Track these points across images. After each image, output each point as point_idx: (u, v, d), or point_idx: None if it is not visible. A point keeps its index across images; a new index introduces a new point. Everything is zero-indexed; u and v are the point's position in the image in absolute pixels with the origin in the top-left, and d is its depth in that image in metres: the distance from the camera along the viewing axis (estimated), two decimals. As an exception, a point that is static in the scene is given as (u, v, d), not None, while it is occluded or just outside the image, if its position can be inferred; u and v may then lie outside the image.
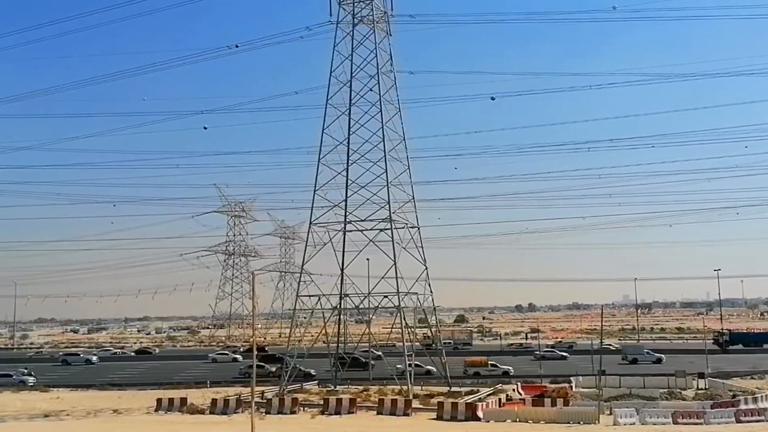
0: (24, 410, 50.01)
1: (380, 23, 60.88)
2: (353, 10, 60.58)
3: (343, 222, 58.23)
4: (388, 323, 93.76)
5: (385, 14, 61.57)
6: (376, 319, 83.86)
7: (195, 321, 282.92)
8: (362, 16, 60.50)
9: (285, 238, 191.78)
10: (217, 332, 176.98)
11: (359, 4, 60.61)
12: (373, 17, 60.18)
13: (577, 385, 55.38)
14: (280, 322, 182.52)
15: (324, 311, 57.81)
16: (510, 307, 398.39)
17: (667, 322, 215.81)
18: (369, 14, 60.28)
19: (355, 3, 60.58)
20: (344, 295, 57.15)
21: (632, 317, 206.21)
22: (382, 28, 61.06)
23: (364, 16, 60.46)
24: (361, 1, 60.53)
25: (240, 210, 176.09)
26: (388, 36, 61.86)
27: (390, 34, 62.00)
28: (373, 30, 59.97)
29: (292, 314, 65.12)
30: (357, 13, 60.56)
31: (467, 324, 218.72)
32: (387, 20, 61.63)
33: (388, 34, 61.82)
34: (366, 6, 60.38)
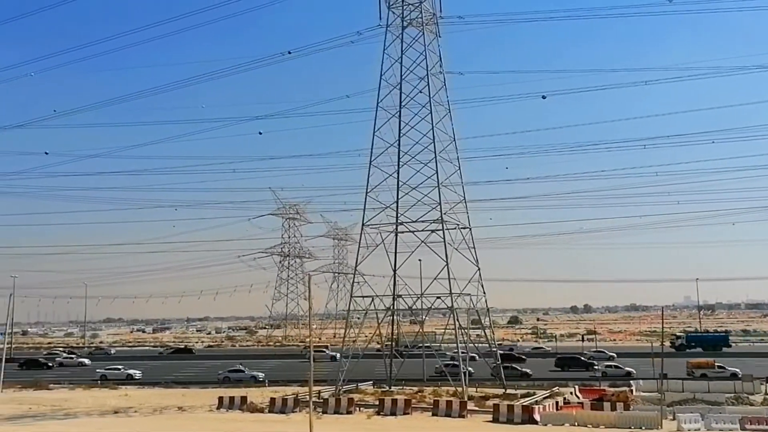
0: (95, 407, 52.27)
1: (429, 25, 61.20)
2: (402, 13, 61.09)
3: (394, 223, 58.76)
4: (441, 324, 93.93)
5: (434, 16, 61.85)
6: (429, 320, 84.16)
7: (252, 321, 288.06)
8: (411, 19, 60.95)
9: (338, 239, 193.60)
10: (273, 332, 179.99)
11: (408, 7, 61.07)
12: (422, 19, 60.55)
13: (638, 389, 54.20)
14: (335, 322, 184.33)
15: (377, 312, 58.47)
16: (565, 308, 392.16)
17: (731, 324, 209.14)
18: (418, 17, 60.68)
19: (405, 6, 61.07)
20: (397, 296, 57.63)
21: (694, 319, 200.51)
22: (431, 30, 61.37)
23: (413, 19, 60.89)
24: (410, 4, 60.98)
25: (294, 212, 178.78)
26: (437, 38, 62.13)
27: (439, 35, 62.28)
28: (423, 32, 60.35)
29: (346, 315, 65.98)
30: (406, 16, 61.04)
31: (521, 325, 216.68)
32: (436, 22, 61.89)
33: (437, 35, 62.10)
34: (415, 9, 60.82)
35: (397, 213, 58.54)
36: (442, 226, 55.94)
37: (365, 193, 59.09)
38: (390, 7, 61.51)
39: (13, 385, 65.45)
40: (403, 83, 59.80)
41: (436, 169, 56.99)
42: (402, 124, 59.38)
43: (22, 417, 47.35)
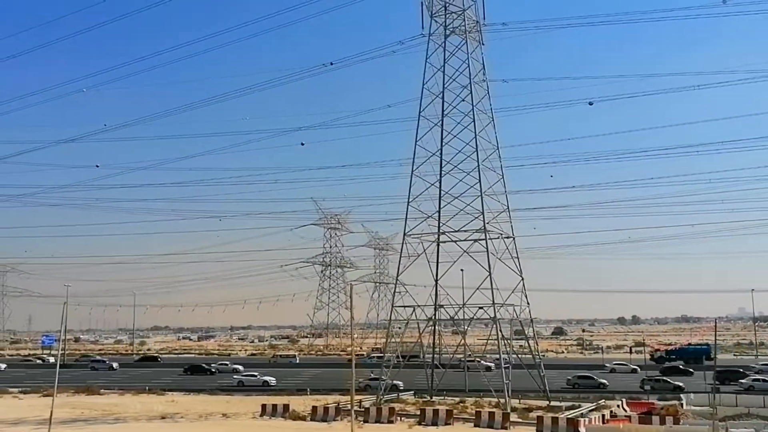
0: (143, 412, 53.33)
1: (472, 33, 60.96)
2: (445, 22, 60.98)
3: (436, 233, 58.50)
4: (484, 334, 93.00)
5: (477, 24, 61.58)
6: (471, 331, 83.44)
7: (294, 330, 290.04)
8: (454, 28, 60.80)
9: (379, 249, 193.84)
10: (315, 341, 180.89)
11: (451, 15, 60.95)
12: (465, 28, 60.35)
13: (689, 402, 52.75)
14: (376, 332, 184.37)
15: (419, 322, 58.20)
16: (612, 319, 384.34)
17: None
18: (461, 25, 60.52)
19: (447, 15, 60.96)
20: (439, 306, 57.29)
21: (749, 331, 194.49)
22: (474, 38, 61.12)
23: (456, 27, 60.73)
24: (452, 13, 60.85)
25: (336, 222, 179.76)
26: (481, 45, 61.80)
27: (482, 43, 61.92)
28: (465, 40, 60.12)
29: (387, 324, 65.88)
30: (449, 25, 60.92)
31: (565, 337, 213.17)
32: (479, 30, 61.59)
33: (480, 43, 61.78)
34: (458, 17, 60.68)
35: (439, 222, 58.29)
36: (484, 235, 55.42)
37: (407, 203, 59.02)
38: (433, 16, 61.51)
39: (66, 390, 67.06)
40: (446, 92, 59.66)
41: (478, 178, 56.58)
42: (444, 133, 59.19)
43: (75, 421, 48.79)
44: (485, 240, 55.31)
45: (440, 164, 58.66)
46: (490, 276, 53.94)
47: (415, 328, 60.52)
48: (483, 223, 55.68)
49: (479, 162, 56.98)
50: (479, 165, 56.89)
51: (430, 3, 61.44)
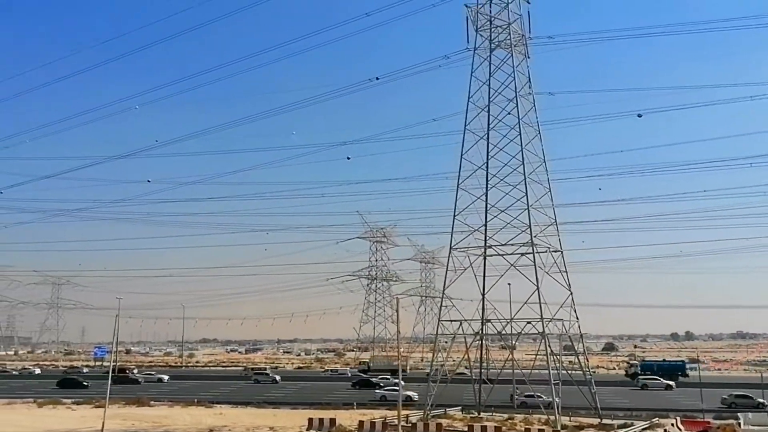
0: (192, 424, 54.09)
1: (518, 47, 60.74)
2: (490, 36, 60.91)
3: (483, 246, 58.11)
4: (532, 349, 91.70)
5: (523, 37, 61.35)
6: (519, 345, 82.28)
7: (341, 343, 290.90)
8: (500, 41, 60.67)
9: (425, 262, 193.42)
10: (361, 355, 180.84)
11: (496, 29, 60.86)
12: (510, 41, 60.17)
13: (746, 422, 51.05)
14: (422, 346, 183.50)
15: (466, 336, 57.75)
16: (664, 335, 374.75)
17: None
18: (506, 39, 60.33)
19: (493, 29, 60.90)
20: (486, 320, 56.79)
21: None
22: (519, 52, 60.88)
23: (502, 41, 60.58)
24: (498, 27, 60.77)
25: (381, 236, 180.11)
26: (526, 58, 61.55)
27: (528, 56, 61.68)
28: (511, 54, 59.93)
29: (434, 339, 65.51)
30: (494, 39, 60.83)
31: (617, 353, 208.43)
32: (525, 43, 61.37)
33: (526, 56, 61.52)
34: (503, 31, 60.53)
35: (485, 236, 57.90)
36: (532, 249, 54.85)
37: (453, 216, 58.86)
38: (478, 30, 61.51)
39: (117, 401, 68.48)
40: (491, 105, 59.49)
41: (525, 192, 56.10)
42: (490, 146, 58.97)
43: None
44: (533, 254, 54.76)
45: (486, 177, 58.42)
46: (537, 290, 53.31)
47: (461, 343, 60.05)
48: (530, 237, 55.15)
49: (526, 175, 56.54)
50: (526, 178, 56.44)
51: (475, 18, 61.47)
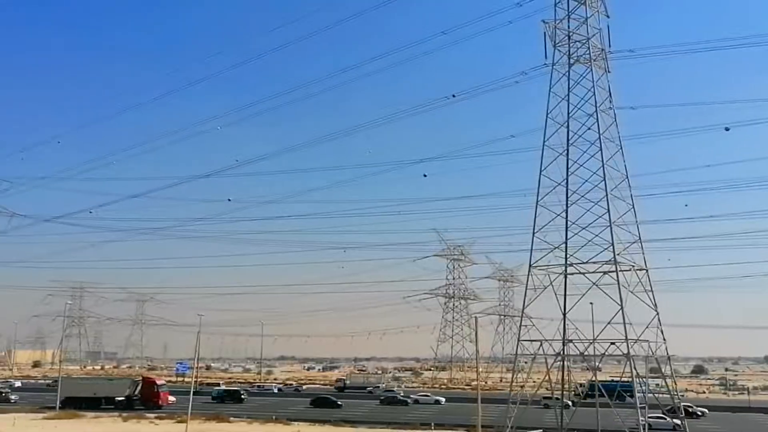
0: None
1: (597, 61, 59.55)
2: (569, 51, 59.94)
3: (563, 265, 56.79)
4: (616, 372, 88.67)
5: (603, 51, 60.13)
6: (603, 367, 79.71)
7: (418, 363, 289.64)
8: (578, 56, 59.61)
9: (503, 281, 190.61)
10: (439, 374, 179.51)
11: (575, 44, 59.86)
12: (589, 56, 59.04)
13: None
14: (501, 366, 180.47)
15: (546, 357, 56.41)
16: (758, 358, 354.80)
17: None
18: (585, 53, 59.24)
19: (571, 44, 59.93)
20: (568, 340, 55.33)
21: None
22: (599, 66, 59.66)
23: (581, 56, 59.51)
24: (577, 42, 59.77)
25: (459, 254, 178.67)
26: (606, 73, 60.23)
27: (608, 70, 60.35)
28: (590, 68, 58.76)
29: (513, 359, 64.30)
30: (573, 54, 59.83)
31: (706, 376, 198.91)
32: (605, 57, 60.14)
33: (606, 71, 60.22)
34: (582, 45, 59.47)
35: (566, 254, 56.58)
36: (615, 267, 53.24)
37: (532, 234, 57.81)
38: (556, 45, 60.65)
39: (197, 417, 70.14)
40: (571, 121, 58.37)
41: (607, 208, 54.58)
42: (570, 162, 57.77)
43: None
44: (616, 272, 53.12)
45: (566, 194, 57.20)
46: (621, 310, 51.60)
47: (542, 363, 58.67)
48: (613, 255, 53.55)
49: (607, 191, 55.04)
50: (607, 194, 54.93)
51: (553, 33, 60.70)
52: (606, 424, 60.71)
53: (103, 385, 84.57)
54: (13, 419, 62.30)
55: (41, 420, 63.62)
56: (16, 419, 62.41)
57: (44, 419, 64.51)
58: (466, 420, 61.93)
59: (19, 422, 61.07)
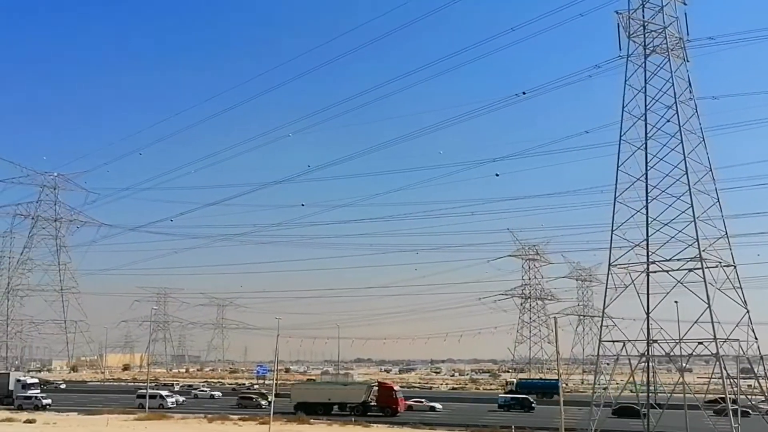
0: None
1: (675, 50, 57.52)
2: (644, 42, 58.12)
3: (645, 263, 55.07)
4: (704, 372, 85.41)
5: (681, 40, 58.04)
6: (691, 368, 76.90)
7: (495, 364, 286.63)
8: (655, 46, 57.74)
9: (582, 280, 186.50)
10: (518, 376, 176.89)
11: (651, 34, 57.98)
12: (666, 45, 57.09)
13: None
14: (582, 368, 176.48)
15: (630, 358, 54.81)
16: None
17: None
18: (662, 43, 57.31)
19: (647, 34, 58.09)
20: (652, 341, 53.62)
21: None
22: (677, 55, 57.60)
23: (657, 46, 57.62)
24: (652, 32, 57.88)
25: (534, 253, 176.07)
26: (685, 62, 58.08)
27: (687, 60, 58.19)
28: (668, 58, 56.80)
29: (595, 360, 62.78)
30: (649, 44, 57.98)
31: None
32: (683, 46, 58.04)
33: (684, 60, 58.09)
34: (659, 35, 57.54)
35: (647, 251, 54.82)
36: (700, 264, 51.22)
37: (611, 231, 56.33)
38: (630, 36, 58.90)
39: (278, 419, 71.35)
40: (649, 114, 56.58)
41: (690, 203, 52.59)
42: (649, 156, 55.99)
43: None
44: (701, 269, 51.11)
45: (646, 189, 55.47)
46: (709, 308, 49.59)
47: (625, 365, 57.05)
48: (698, 251, 51.54)
49: (690, 185, 53.04)
50: (690, 189, 52.94)
51: (627, 24, 59.01)
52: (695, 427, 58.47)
53: (338, 390, 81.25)
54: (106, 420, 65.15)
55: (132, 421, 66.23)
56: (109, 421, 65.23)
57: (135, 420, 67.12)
58: (548, 423, 60.78)
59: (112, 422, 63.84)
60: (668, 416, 57.36)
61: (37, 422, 62.95)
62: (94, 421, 65.27)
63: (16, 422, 63.18)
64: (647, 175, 55.71)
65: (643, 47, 58.16)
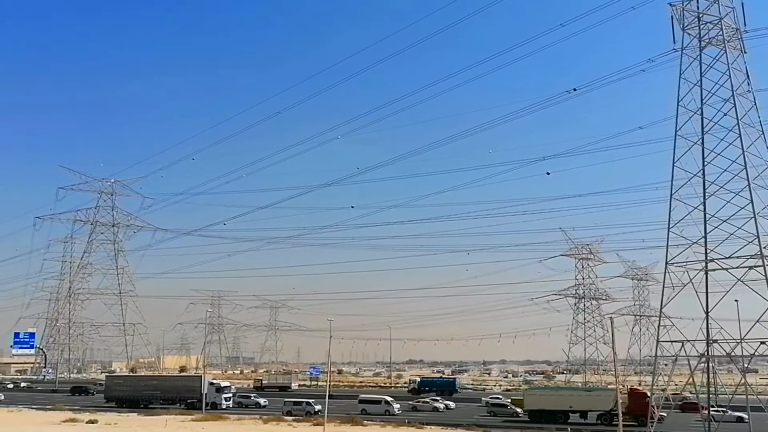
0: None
1: (732, 42, 55.89)
2: (699, 34, 56.64)
3: (704, 260, 53.59)
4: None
5: (737, 31, 56.36)
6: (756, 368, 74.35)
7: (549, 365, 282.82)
8: (710, 38, 56.21)
9: (637, 279, 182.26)
10: (572, 378, 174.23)
11: (706, 25, 56.45)
12: (722, 37, 55.52)
13: None
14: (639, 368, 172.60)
15: (689, 358, 53.41)
16: None
17: None
18: (718, 34, 55.76)
19: (702, 26, 56.58)
20: (712, 340, 52.13)
21: None
22: (734, 47, 55.94)
23: (713, 38, 56.09)
24: (708, 23, 56.33)
25: (587, 252, 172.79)
26: (742, 54, 56.40)
27: (744, 51, 56.51)
28: (724, 50, 55.23)
29: (653, 361, 61.37)
30: (704, 36, 56.46)
31: None
32: (739, 37, 56.36)
33: (741, 51, 56.40)
34: (714, 27, 55.98)
35: (705, 249, 53.36)
36: (762, 261, 49.59)
37: (667, 229, 55.00)
38: (685, 28, 57.44)
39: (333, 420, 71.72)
40: (705, 107, 55.09)
41: (750, 199, 51.03)
42: (706, 151, 54.54)
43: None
44: (763, 266, 49.50)
45: (703, 185, 54.02)
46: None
47: (684, 365, 55.61)
48: (759, 248, 49.91)
49: (749, 180, 51.47)
50: (750, 184, 51.39)
51: (681, 16, 57.56)
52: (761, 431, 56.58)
53: (581, 397, 73.93)
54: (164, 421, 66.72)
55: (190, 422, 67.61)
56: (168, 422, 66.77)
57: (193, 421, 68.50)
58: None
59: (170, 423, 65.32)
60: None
61: (98, 422, 64.91)
62: (153, 422, 66.90)
63: (79, 423, 65.28)
64: (704, 170, 54.31)
65: (698, 39, 56.69)
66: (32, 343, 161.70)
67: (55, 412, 76.46)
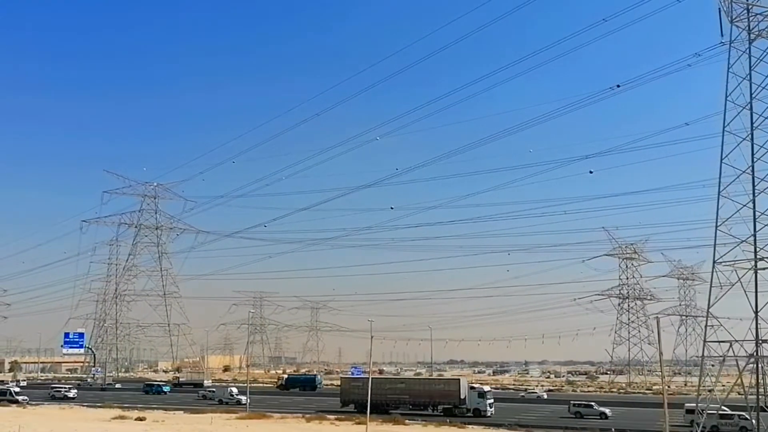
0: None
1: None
2: (749, 26, 55.17)
3: (753, 259, 52.27)
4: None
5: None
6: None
7: (593, 366, 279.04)
8: (760, 30, 54.71)
9: (683, 279, 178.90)
10: (616, 378, 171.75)
11: (755, 18, 54.96)
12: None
13: None
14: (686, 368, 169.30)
15: (737, 359, 52.18)
16: None
17: None
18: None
19: (751, 18, 55.12)
20: (762, 341, 50.85)
21: None
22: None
23: (763, 30, 54.61)
24: (757, 15, 54.86)
25: (631, 252, 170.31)
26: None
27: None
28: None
29: (699, 362, 60.12)
30: (753, 28, 54.99)
31: None
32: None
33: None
34: (764, 18, 54.47)
35: (755, 247, 51.99)
36: (815, 260, 48.19)
37: (715, 227, 53.76)
38: (733, 21, 56.04)
39: (374, 420, 71.79)
40: (754, 102, 53.63)
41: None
42: (755, 147, 53.11)
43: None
44: (816, 265, 48.10)
45: (753, 182, 52.62)
46: (825, 307, 46.59)
47: (732, 366, 54.34)
48: (811, 247, 48.51)
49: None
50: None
51: (729, 8, 56.18)
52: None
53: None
54: (210, 418, 67.91)
55: (235, 420, 68.67)
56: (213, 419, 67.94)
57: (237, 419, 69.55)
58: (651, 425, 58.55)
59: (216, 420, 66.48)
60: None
61: (147, 420, 66.39)
62: (199, 419, 68.19)
63: (128, 420, 66.85)
64: (753, 167, 52.90)
65: (747, 32, 55.22)
66: (82, 342, 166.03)
67: (105, 410, 78.49)
